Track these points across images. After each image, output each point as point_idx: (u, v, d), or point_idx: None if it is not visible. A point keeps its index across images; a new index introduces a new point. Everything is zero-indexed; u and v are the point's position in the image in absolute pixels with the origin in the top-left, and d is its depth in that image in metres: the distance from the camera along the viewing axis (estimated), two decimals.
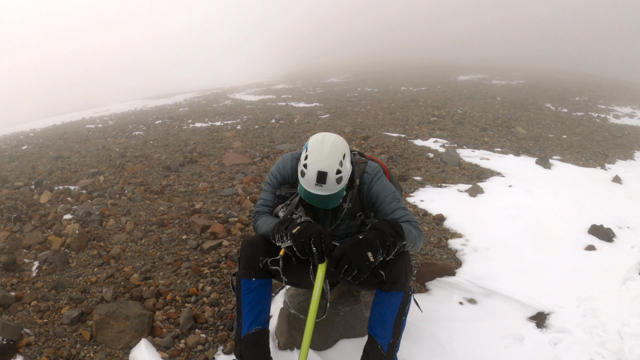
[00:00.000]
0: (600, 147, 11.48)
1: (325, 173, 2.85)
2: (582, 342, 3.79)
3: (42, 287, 4.57)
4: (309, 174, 2.89)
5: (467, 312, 4.24)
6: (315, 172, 2.86)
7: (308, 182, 2.91)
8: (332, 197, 2.97)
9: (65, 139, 12.68)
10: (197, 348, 3.74)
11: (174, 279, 4.61)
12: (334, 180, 2.88)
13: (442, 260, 5.07)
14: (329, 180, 2.87)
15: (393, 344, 3.00)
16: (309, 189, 2.92)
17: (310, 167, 2.88)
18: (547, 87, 21.93)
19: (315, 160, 2.88)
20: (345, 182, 2.97)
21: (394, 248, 2.86)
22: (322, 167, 2.86)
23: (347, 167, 2.99)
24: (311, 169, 2.88)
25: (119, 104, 24.24)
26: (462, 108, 14.73)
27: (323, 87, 22.88)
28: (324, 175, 2.85)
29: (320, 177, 2.86)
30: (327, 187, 2.89)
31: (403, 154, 8.94)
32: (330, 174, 2.86)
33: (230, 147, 9.29)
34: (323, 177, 2.86)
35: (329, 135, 2.99)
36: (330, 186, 2.89)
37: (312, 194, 2.94)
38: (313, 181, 2.88)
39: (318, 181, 2.87)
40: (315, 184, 2.88)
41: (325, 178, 2.86)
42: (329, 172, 2.86)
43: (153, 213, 6.04)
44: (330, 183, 2.88)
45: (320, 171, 2.85)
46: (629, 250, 5.50)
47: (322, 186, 2.88)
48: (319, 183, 2.87)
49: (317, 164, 2.87)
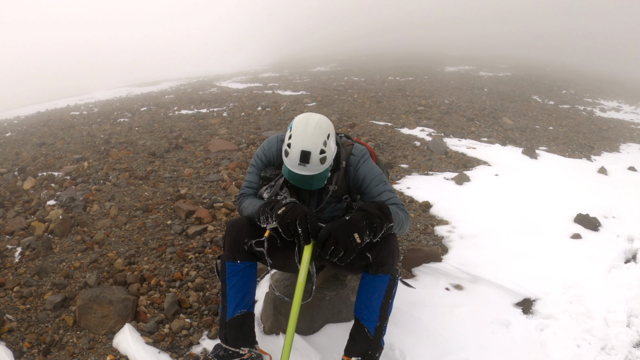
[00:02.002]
0: (587, 139, 11.57)
1: (309, 152, 2.81)
2: (568, 328, 3.82)
3: (25, 273, 4.50)
4: (292, 154, 2.85)
5: (453, 297, 4.25)
6: (298, 151, 2.82)
7: (291, 162, 2.87)
8: (315, 178, 2.94)
9: (50, 125, 12.51)
10: (181, 333, 3.71)
11: (158, 264, 4.56)
12: (317, 160, 2.84)
13: (429, 246, 5.07)
14: (313, 160, 2.83)
15: (380, 327, 2.98)
16: (292, 168, 2.89)
17: (294, 147, 2.84)
18: (534, 79, 22.06)
19: (299, 140, 2.84)
20: (329, 162, 2.93)
21: (381, 229, 2.83)
22: (306, 146, 2.82)
23: (332, 147, 2.95)
24: (294, 148, 2.83)
25: (104, 91, 23.95)
26: (449, 98, 14.76)
27: (310, 76, 22.79)
28: (308, 155, 2.81)
29: (303, 157, 2.82)
30: (310, 167, 2.85)
31: (390, 142, 8.92)
32: (313, 153, 2.82)
33: (216, 134, 9.21)
34: (306, 157, 2.81)
35: (313, 115, 2.95)
36: (314, 166, 2.85)
37: (295, 174, 2.91)
38: (296, 161, 2.84)
39: (301, 161, 2.82)
40: (298, 163, 2.84)
41: (309, 158, 2.82)
42: (313, 152, 2.82)
43: (138, 198, 5.97)
44: (314, 163, 2.84)
45: (304, 150, 2.81)
46: (615, 239, 5.56)
47: (306, 166, 2.84)
48: (303, 163, 2.83)
49: (300, 143, 2.83)
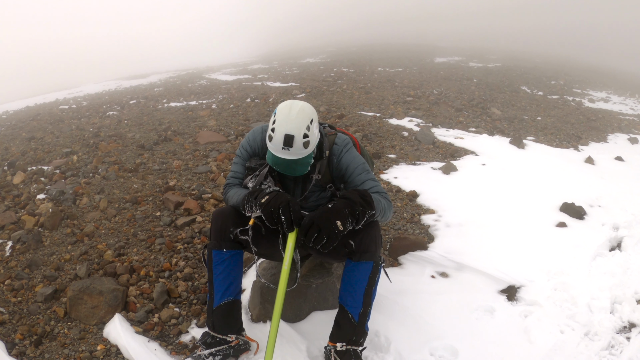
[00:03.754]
0: (574, 130, 11.65)
1: (292, 136, 2.85)
2: (552, 315, 3.88)
3: (16, 266, 4.54)
4: (276, 138, 2.88)
5: (439, 285, 4.31)
6: (282, 134, 2.86)
7: (275, 146, 2.91)
8: (299, 163, 2.97)
9: (39, 120, 12.44)
10: (170, 322, 3.76)
11: (147, 255, 4.60)
12: (300, 144, 2.88)
13: (415, 235, 5.12)
14: (296, 144, 2.87)
15: (363, 313, 3.04)
16: (276, 153, 2.92)
17: (278, 131, 2.88)
18: (523, 70, 22.10)
19: (283, 124, 2.88)
20: (312, 147, 2.97)
21: (364, 217, 2.88)
22: (289, 130, 2.86)
23: (315, 132, 3.00)
24: (278, 132, 2.87)
25: (93, 84, 23.75)
26: (438, 89, 14.79)
27: (299, 67, 22.73)
28: (291, 139, 2.85)
29: (287, 141, 2.86)
30: (294, 150, 2.89)
31: (378, 132, 8.97)
32: (297, 137, 2.86)
33: (204, 126, 9.22)
34: (290, 140, 2.85)
35: (297, 102, 2.99)
36: (297, 150, 2.89)
37: (279, 158, 2.94)
38: (280, 145, 2.88)
39: (285, 144, 2.86)
40: (282, 147, 2.88)
41: (292, 141, 2.86)
42: (296, 135, 2.86)
43: (127, 191, 5.99)
44: (297, 147, 2.88)
45: (288, 134, 2.85)
46: (600, 228, 5.62)
47: (289, 150, 2.88)
48: (286, 147, 2.87)
49: (284, 127, 2.87)
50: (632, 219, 5.86)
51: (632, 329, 3.78)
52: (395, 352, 3.37)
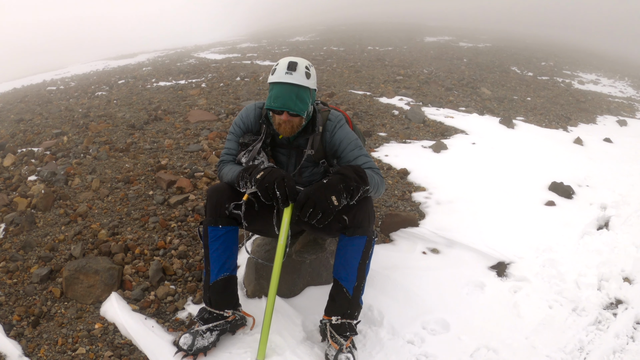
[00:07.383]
0: (564, 111, 11.73)
1: (296, 62, 3.03)
2: (540, 290, 3.96)
3: (10, 248, 4.54)
4: (279, 66, 3.05)
5: (430, 261, 4.37)
6: (286, 62, 3.04)
7: (279, 73, 3.03)
8: (299, 97, 3.04)
9: (27, 101, 12.30)
10: (166, 299, 3.79)
11: (141, 234, 4.62)
12: (303, 72, 3.03)
13: (406, 212, 5.18)
14: (299, 69, 3.01)
15: (358, 287, 3.10)
16: (279, 79, 3.02)
17: (281, 62, 3.07)
18: (513, 51, 22.15)
19: (286, 60, 3.07)
20: (312, 83, 3.10)
21: (358, 192, 2.92)
22: (293, 59, 3.05)
23: (313, 75, 3.15)
24: (282, 62, 3.06)
25: (80, 65, 23.48)
26: (428, 68, 14.82)
27: (289, 46, 22.62)
28: (295, 64, 3.02)
29: (291, 65, 3.01)
30: (296, 75, 3.00)
31: (368, 111, 8.99)
32: (300, 64, 3.03)
33: (195, 105, 9.18)
34: (293, 65, 3.02)
35: None
36: (300, 76, 3.01)
37: (280, 88, 3.01)
38: (283, 70, 3.01)
39: (289, 69, 3.00)
40: (285, 72, 3.00)
41: (296, 66, 3.02)
42: (299, 63, 3.04)
43: (119, 170, 5.99)
44: (300, 73, 3.01)
45: (291, 61, 3.03)
46: (588, 207, 5.71)
47: (292, 74, 3.00)
48: (290, 71, 3.00)
49: (287, 59, 3.06)
50: (620, 199, 5.96)
51: (619, 305, 3.87)
52: (389, 325, 3.44)
